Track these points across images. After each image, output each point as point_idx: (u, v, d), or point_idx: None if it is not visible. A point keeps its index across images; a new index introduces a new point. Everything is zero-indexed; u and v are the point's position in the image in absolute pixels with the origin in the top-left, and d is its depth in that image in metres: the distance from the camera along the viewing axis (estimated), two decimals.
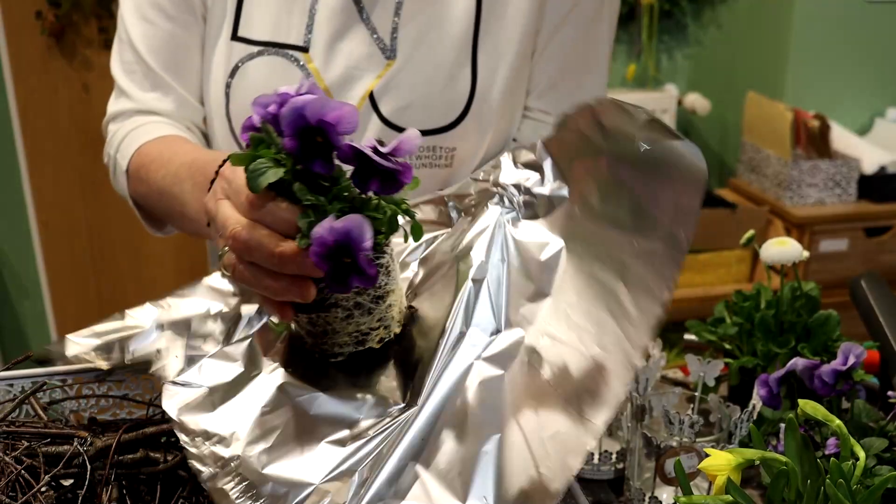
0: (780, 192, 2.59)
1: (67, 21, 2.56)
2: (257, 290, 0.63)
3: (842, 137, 2.66)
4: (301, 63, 0.93)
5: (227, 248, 0.62)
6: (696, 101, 2.88)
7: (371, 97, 0.94)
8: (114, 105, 1.02)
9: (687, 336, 1.17)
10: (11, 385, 0.81)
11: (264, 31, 0.93)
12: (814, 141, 2.57)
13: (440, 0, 0.94)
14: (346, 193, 0.60)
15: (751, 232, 1.00)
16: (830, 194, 2.58)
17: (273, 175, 0.58)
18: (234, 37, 0.94)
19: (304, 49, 0.93)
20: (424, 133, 0.95)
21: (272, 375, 0.67)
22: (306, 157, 0.58)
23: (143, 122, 0.98)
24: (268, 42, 0.93)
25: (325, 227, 0.57)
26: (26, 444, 0.69)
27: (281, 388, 0.65)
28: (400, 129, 0.94)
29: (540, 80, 1.00)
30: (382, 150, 0.59)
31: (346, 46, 0.93)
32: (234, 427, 0.64)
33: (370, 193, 0.61)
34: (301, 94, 0.59)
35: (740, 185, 2.82)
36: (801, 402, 0.63)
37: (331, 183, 0.60)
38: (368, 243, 0.58)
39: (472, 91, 0.95)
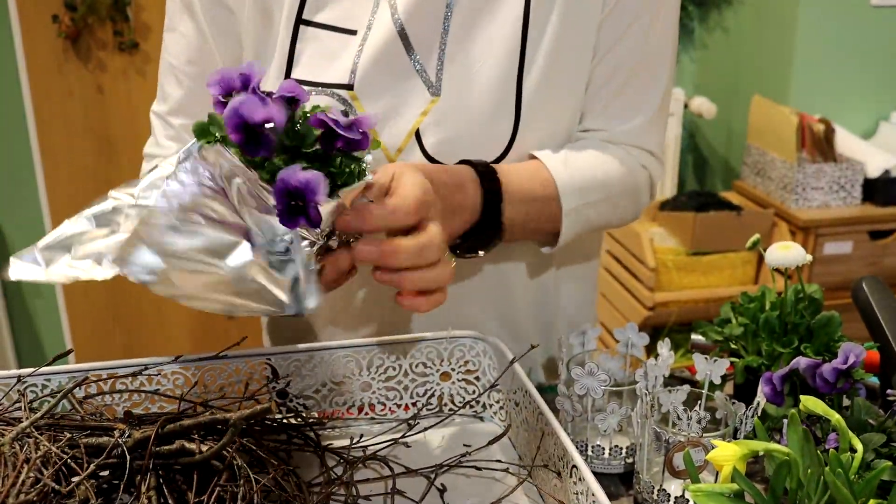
0: (785, 195, 2.62)
1: (83, 24, 2.59)
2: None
3: (846, 141, 2.69)
4: (346, 100, 0.94)
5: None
6: (703, 105, 2.91)
7: (416, 134, 0.95)
8: (147, 146, 1.08)
9: (694, 336, 1.20)
10: (49, 380, 0.85)
11: (313, 72, 0.95)
12: (819, 144, 2.60)
13: (485, 36, 0.94)
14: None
15: (756, 236, 1.04)
16: (835, 197, 2.61)
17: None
18: (287, 78, 0.95)
19: (349, 87, 0.94)
20: None
21: None
22: (250, 151, 0.68)
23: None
24: (315, 83, 0.95)
25: (290, 171, 0.67)
26: (68, 435, 0.73)
27: None
28: (441, 164, 0.95)
29: (596, 100, 1.01)
30: (343, 122, 0.70)
31: (392, 83, 0.95)
32: None
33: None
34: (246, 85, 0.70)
35: (745, 188, 2.85)
36: (803, 398, 0.67)
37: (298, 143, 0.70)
38: (320, 197, 0.67)
39: (516, 127, 0.96)
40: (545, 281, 1.10)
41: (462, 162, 0.93)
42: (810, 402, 0.66)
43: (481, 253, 0.93)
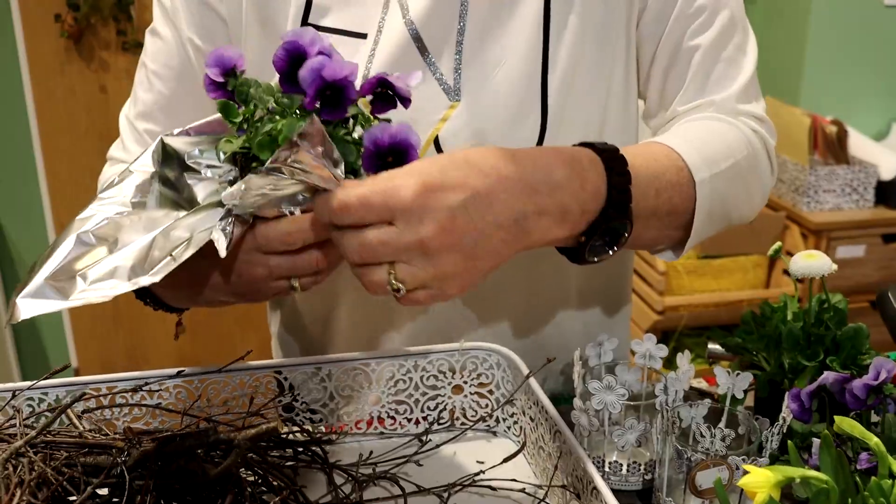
0: (797, 197, 2.59)
1: (86, 23, 2.57)
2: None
3: (859, 143, 2.66)
4: (359, 107, 0.91)
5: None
6: None
7: (436, 141, 0.91)
8: (113, 149, 1.05)
9: (711, 345, 1.17)
10: (45, 393, 0.82)
11: None
12: (831, 146, 2.56)
13: (504, 34, 0.90)
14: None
15: (778, 244, 1.00)
16: (847, 200, 2.58)
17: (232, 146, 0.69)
18: None
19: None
20: None
21: None
22: (334, 112, 0.69)
23: None
24: None
25: (379, 130, 0.68)
26: (65, 454, 0.70)
27: None
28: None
29: (678, 86, 0.94)
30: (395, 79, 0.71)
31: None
32: None
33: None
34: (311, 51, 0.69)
35: None
36: (837, 419, 0.64)
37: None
38: (416, 151, 0.68)
39: (543, 130, 0.91)
40: (568, 294, 1.06)
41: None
42: (846, 424, 0.62)
43: (612, 252, 0.76)
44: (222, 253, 0.65)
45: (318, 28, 0.90)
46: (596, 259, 0.76)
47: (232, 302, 0.79)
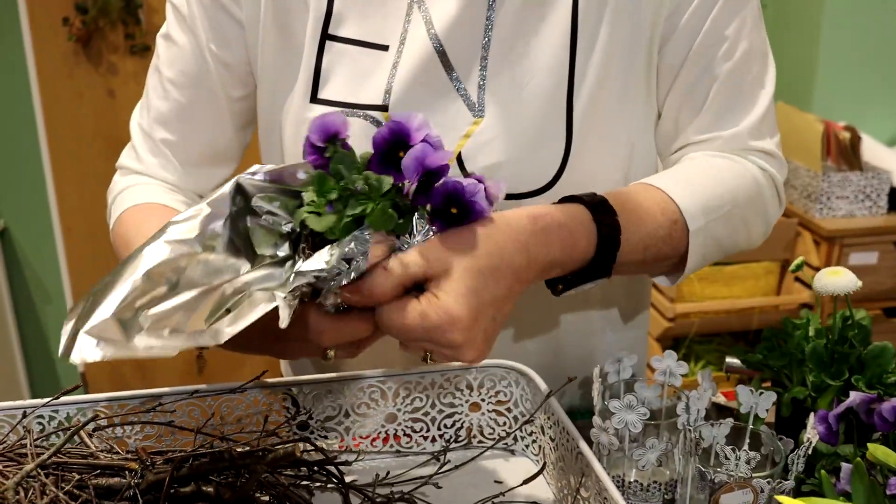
0: (809, 204, 2.57)
1: (94, 27, 2.55)
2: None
3: (872, 149, 2.63)
4: (381, 122, 0.88)
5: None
6: None
7: (458, 158, 0.89)
8: (124, 157, 1.02)
9: (729, 360, 1.15)
10: (56, 411, 0.80)
11: (343, 92, 0.89)
12: (844, 153, 2.54)
13: (530, 50, 0.88)
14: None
15: (800, 259, 0.99)
16: (860, 207, 2.55)
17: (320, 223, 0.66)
18: (314, 99, 0.90)
19: (384, 108, 0.88)
20: (511, 197, 0.89)
21: None
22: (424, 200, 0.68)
23: (136, 183, 0.99)
24: (347, 104, 0.89)
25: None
26: (77, 476, 0.68)
27: None
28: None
29: (693, 114, 0.93)
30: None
31: (431, 104, 0.88)
32: None
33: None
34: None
35: None
36: (871, 446, 0.62)
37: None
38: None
39: (567, 150, 0.89)
40: (590, 314, 1.05)
41: (568, 199, 0.81)
42: (880, 452, 0.61)
43: (587, 286, 0.82)
44: (283, 324, 0.63)
45: (337, 39, 0.89)
46: (571, 290, 0.81)
47: (254, 353, 0.78)
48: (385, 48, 0.88)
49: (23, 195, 2.67)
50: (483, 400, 0.89)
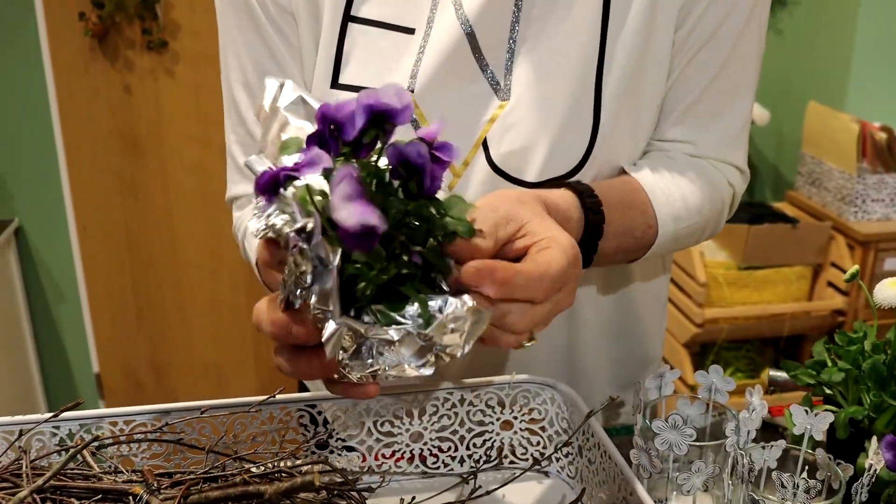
0: (843, 206, 2.49)
1: (110, 22, 2.51)
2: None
3: None
4: None
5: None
6: (755, 111, 2.79)
7: (485, 143, 0.85)
8: (233, 186, 0.95)
9: (773, 372, 1.08)
10: (58, 427, 0.75)
11: (365, 76, 0.85)
12: (881, 154, 2.46)
13: (559, 32, 0.84)
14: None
15: (855, 268, 0.92)
16: None
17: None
18: (335, 84, 0.86)
19: (410, 91, 0.84)
20: (540, 184, 0.85)
21: None
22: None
23: None
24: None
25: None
26: (76, 501, 0.63)
27: None
28: (509, 177, 0.85)
29: (675, 107, 0.91)
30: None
31: (457, 87, 0.84)
32: None
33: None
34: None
35: (799, 199, 2.72)
36: None
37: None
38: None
39: (594, 136, 0.85)
40: (617, 312, 1.00)
41: (564, 185, 0.80)
42: None
43: None
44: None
45: (359, 20, 0.83)
46: None
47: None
48: (411, 31, 0.84)
49: (38, 193, 2.65)
50: (516, 418, 0.83)
